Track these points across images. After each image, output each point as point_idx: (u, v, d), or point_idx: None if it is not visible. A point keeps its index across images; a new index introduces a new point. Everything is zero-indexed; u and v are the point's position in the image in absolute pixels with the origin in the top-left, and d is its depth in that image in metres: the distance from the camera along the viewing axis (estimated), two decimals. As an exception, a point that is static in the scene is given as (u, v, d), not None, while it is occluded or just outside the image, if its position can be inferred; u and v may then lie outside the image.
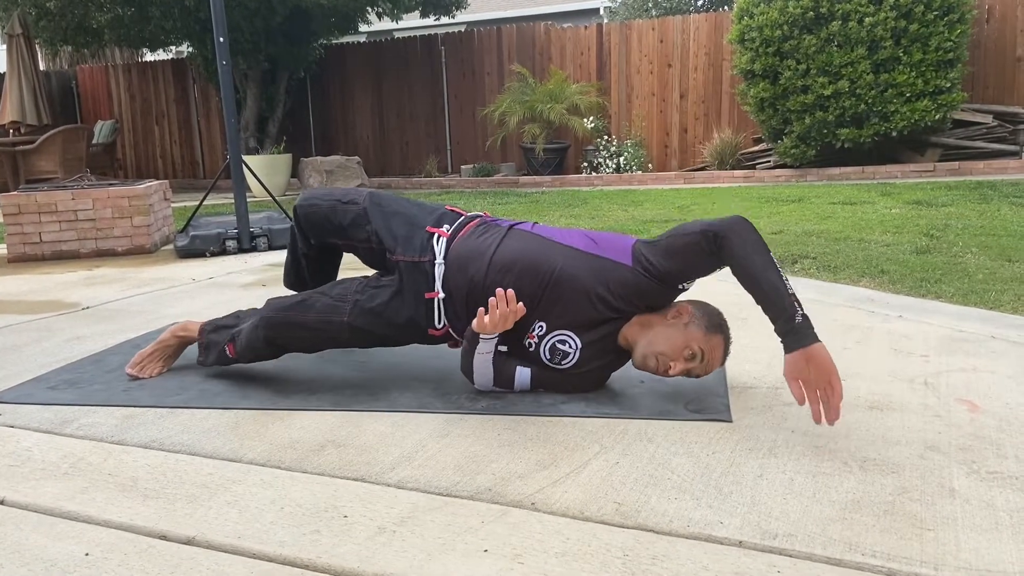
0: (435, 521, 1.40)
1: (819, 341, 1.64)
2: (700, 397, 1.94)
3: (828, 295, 2.98)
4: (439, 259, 2.04)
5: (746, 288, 1.75)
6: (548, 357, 1.95)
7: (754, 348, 2.35)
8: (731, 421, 1.80)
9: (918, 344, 2.35)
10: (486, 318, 1.85)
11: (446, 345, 2.15)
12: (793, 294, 1.69)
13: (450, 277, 2.01)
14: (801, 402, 1.65)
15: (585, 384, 2.00)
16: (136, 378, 2.24)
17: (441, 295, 2.02)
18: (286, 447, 1.74)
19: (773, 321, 1.70)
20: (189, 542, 1.36)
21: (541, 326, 1.93)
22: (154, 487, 1.57)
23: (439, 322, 2.04)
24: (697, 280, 1.91)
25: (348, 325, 2.04)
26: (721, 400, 1.91)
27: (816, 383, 1.63)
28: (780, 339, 1.69)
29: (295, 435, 1.81)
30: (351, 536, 1.35)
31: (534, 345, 1.95)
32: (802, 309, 1.67)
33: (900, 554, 1.24)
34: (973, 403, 1.87)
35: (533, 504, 1.45)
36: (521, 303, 1.85)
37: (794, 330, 1.66)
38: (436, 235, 2.07)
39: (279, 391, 2.10)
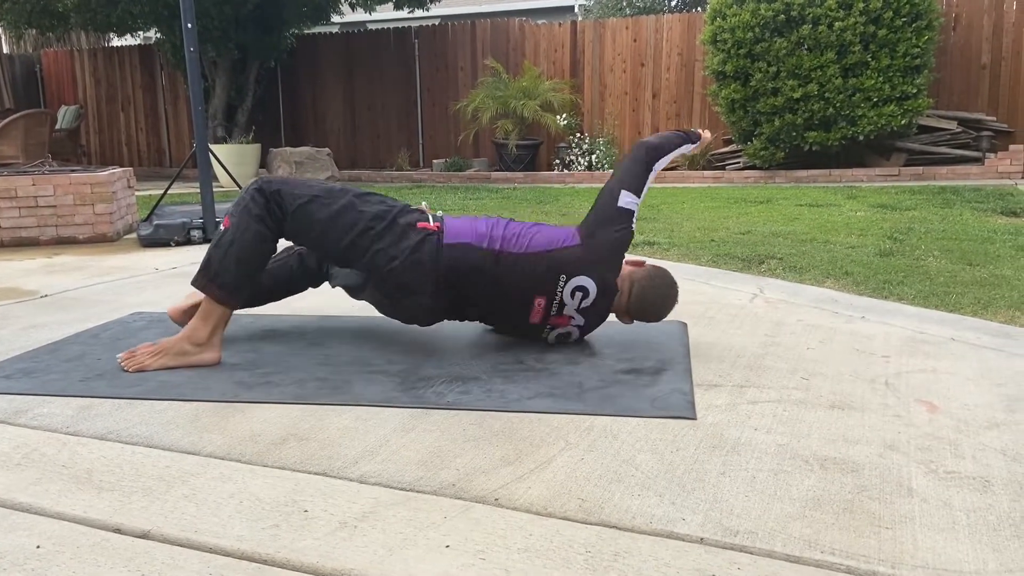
0: (397, 516, 1.38)
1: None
2: (665, 395, 1.94)
3: (793, 295, 3.01)
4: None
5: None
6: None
7: (720, 347, 2.37)
8: (695, 419, 1.80)
9: (880, 345, 2.38)
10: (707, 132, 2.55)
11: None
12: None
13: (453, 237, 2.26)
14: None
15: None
16: (142, 370, 2.16)
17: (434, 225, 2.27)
18: (246, 440, 1.72)
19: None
20: (144, 535, 1.33)
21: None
22: (110, 479, 1.54)
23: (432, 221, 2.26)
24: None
25: (362, 213, 2.21)
26: (686, 398, 1.92)
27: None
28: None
29: (256, 428, 1.78)
30: (311, 531, 1.34)
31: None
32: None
33: (858, 552, 1.25)
34: (932, 404, 1.89)
35: (496, 500, 1.44)
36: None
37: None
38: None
39: (240, 383, 2.07)
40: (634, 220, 2.32)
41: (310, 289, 2.60)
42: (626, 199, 2.30)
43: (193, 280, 2.24)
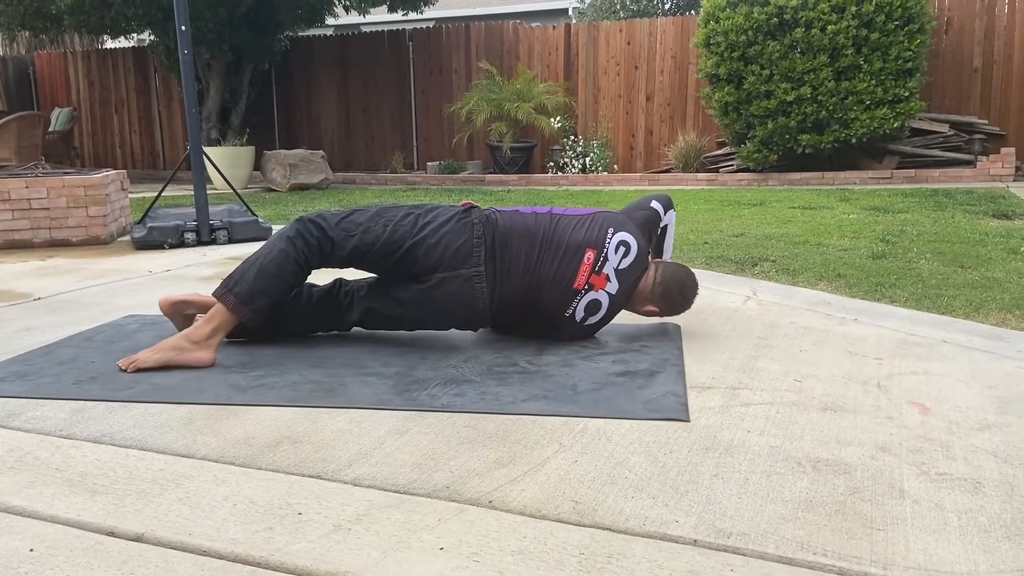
0: (391, 519, 1.38)
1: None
2: (659, 397, 1.95)
3: (787, 298, 3.02)
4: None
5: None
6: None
7: (713, 349, 2.38)
8: (688, 421, 1.81)
9: (872, 347, 2.39)
10: None
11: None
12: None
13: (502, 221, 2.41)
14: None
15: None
16: (140, 369, 2.17)
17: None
18: (240, 443, 1.72)
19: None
20: (138, 539, 1.33)
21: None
22: (103, 482, 1.53)
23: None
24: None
25: (399, 207, 2.39)
26: (679, 400, 1.93)
27: None
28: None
29: (250, 431, 1.78)
30: (305, 534, 1.34)
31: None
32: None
33: (851, 553, 1.26)
34: (924, 406, 1.90)
35: (490, 502, 1.44)
36: None
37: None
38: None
39: (234, 386, 2.07)
40: (658, 226, 2.64)
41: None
42: (656, 204, 2.65)
43: (214, 291, 2.29)
